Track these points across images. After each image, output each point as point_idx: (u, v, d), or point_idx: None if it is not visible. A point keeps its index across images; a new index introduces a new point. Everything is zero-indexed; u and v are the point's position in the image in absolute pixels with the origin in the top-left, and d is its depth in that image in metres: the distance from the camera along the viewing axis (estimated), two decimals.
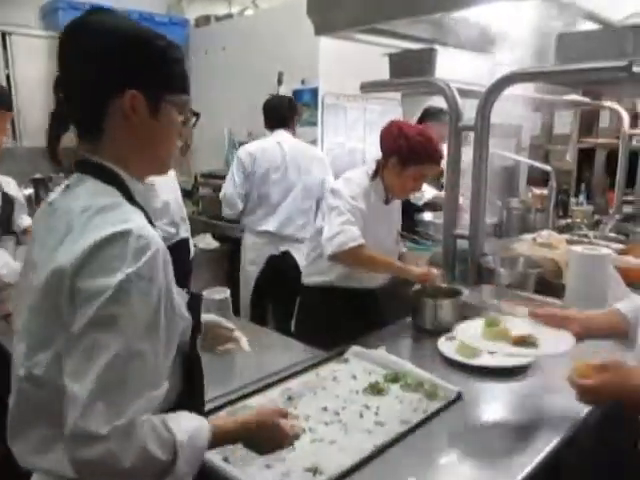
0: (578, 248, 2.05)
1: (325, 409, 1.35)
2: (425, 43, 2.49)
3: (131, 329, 0.80)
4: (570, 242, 2.68)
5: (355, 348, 1.67)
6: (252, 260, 3.37)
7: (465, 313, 1.95)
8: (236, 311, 2.07)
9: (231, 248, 4.07)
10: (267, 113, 3.44)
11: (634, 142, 4.19)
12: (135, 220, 0.86)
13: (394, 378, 1.49)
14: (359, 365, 1.59)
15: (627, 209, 3.82)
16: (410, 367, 1.52)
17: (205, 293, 1.80)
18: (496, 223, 3.58)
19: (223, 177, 4.28)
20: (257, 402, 1.38)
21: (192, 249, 3.25)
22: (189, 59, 5.08)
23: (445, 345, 1.71)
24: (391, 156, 2.06)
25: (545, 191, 3.38)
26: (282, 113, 3.41)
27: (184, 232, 3.16)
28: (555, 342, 1.33)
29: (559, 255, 2.32)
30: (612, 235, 3.00)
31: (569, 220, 3.55)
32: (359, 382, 1.49)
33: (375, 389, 1.43)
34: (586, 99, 3.93)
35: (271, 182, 3.24)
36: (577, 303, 2.01)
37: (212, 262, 4.12)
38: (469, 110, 2.41)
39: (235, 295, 4.13)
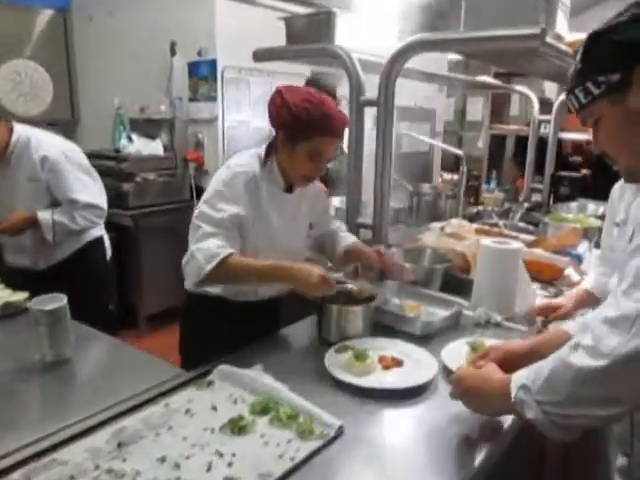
0: (487, 241, 1.84)
1: (163, 460, 1.01)
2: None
3: None
4: (480, 231, 2.50)
5: (223, 368, 1.34)
6: None
7: (376, 319, 1.69)
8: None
9: (117, 236, 3.61)
10: None
11: (542, 129, 4.12)
12: None
13: (264, 409, 1.18)
14: (224, 391, 1.27)
15: (536, 197, 3.74)
16: (285, 393, 1.22)
17: (32, 302, 1.42)
18: (406, 209, 3.39)
19: (110, 157, 3.82)
20: (71, 454, 1.03)
21: (108, 248, 2.63)
22: (72, 25, 4.51)
23: (333, 359, 1.43)
24: (278, 132, 1.62)
25: (457, 176, 3.22)
26: None
27: (99, 228, 2.52)
28: None
29: (467, 248, 2.11)
30: (522, 225, 2.87)
31: (480, 207, 3.42)
32: (219, 416, 1.17)
33: (236, 426, 1.11)
34: (497, 81, 3.81)
35: None
36: (484, 301, 1.80)
37: None
38: (370, 89, 2.13)
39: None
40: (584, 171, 4.45)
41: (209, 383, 1.31)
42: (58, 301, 1.41)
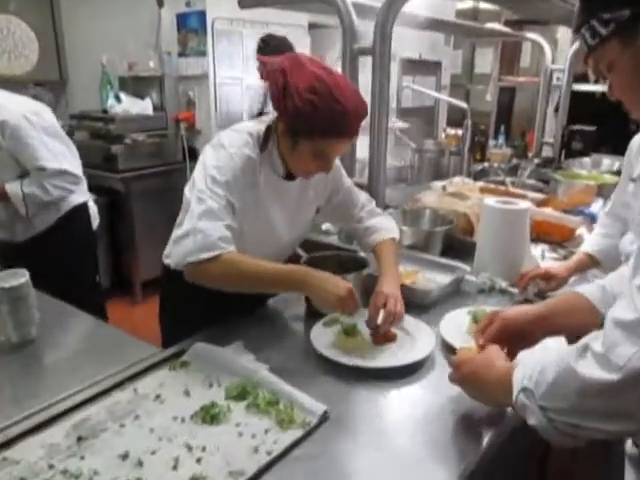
0: (491, 200, 1.69)
1: (125, 457, 0.91)
2: None
3: None
4: (484, 190, 2.35)
5: (199, 346, 1.23)
6: None
7: (368, 285, 1.54)
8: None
9: (108, 201, 3.49)
10: None
11: (555, 80, 3.89)
12: None
13: (240, 393, 1.07)
14: (200, 372, 1.16)
15: (548, 152, 3.55)
16: (265, 374, 1.11)
17: None
18: (408, 167, 3.23)
19: (97, 118, 3.65)
20: (24, 452, 0.93)
21: (95, 216, 2.42)
22: None
23: (320, 334, 1.31)
24: (279, 119, 1.32)
25: (462, 131, 3.03)
26: None
27: (81, 195, 2.29)
28: None
29: (470, 208, 1.97)
30: (531, 182, 2.70)
31: (486, 164, 3.24)
32: (191, 402, 1.06)
33: (208, 415, 1.00)
34: (507, 29, 3.57)
35: None
36: (488, 266, 1.68)
37: None
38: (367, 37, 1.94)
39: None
40: None
41: (183, 364, 1.20)
42: (19, 277, 1.30)
